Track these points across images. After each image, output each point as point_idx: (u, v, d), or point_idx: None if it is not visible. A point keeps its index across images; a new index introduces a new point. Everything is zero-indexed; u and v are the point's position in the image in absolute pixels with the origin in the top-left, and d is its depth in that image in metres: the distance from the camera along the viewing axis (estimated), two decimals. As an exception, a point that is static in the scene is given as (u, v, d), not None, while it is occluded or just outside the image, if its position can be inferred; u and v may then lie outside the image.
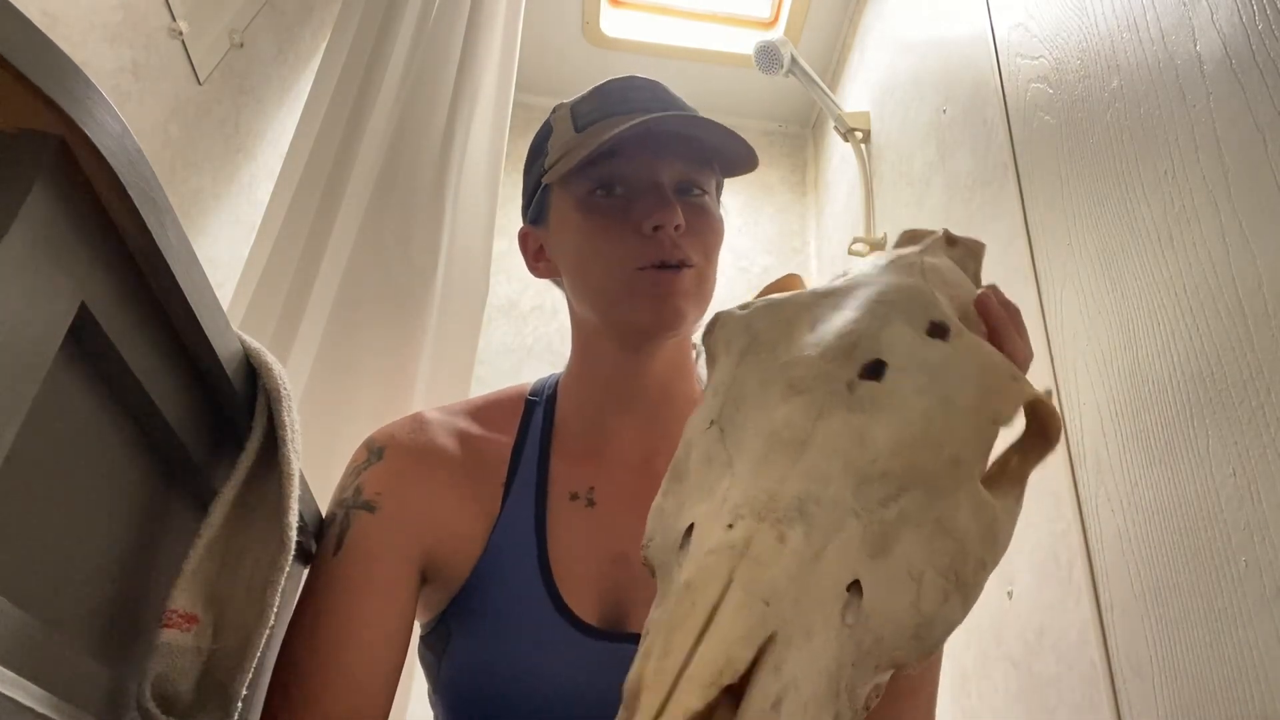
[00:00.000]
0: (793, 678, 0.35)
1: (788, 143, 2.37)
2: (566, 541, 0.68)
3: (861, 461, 0.41)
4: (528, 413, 0.76)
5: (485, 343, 1.82)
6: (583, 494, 0.72)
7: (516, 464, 0.72)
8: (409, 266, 1.26)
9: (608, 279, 0.68)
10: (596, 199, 0.70)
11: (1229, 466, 0.67)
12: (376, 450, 0.71)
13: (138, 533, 0.45)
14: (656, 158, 0.70)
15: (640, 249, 0.67)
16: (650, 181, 0.69)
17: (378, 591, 0.63)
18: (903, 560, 0.40)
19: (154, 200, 0.37)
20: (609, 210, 0.69)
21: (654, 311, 0.67)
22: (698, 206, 0.71)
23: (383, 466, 0.69)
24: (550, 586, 0.66)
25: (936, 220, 1.39)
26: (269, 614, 0.48)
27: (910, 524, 0.40)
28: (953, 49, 1.39)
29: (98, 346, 0.37)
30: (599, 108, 0.71)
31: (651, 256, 0.67)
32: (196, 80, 1.25)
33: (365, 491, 0.67)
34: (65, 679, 0.37)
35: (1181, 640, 0.71)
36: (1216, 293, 0.71)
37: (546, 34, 2.10)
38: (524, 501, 0.70)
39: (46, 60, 0.30)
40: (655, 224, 0.66)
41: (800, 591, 0.37)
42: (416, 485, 0.68)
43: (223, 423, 0.51)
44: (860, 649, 0.38)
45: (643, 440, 0.74)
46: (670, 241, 0.67)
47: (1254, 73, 0.68)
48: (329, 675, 0.60)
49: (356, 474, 0.69)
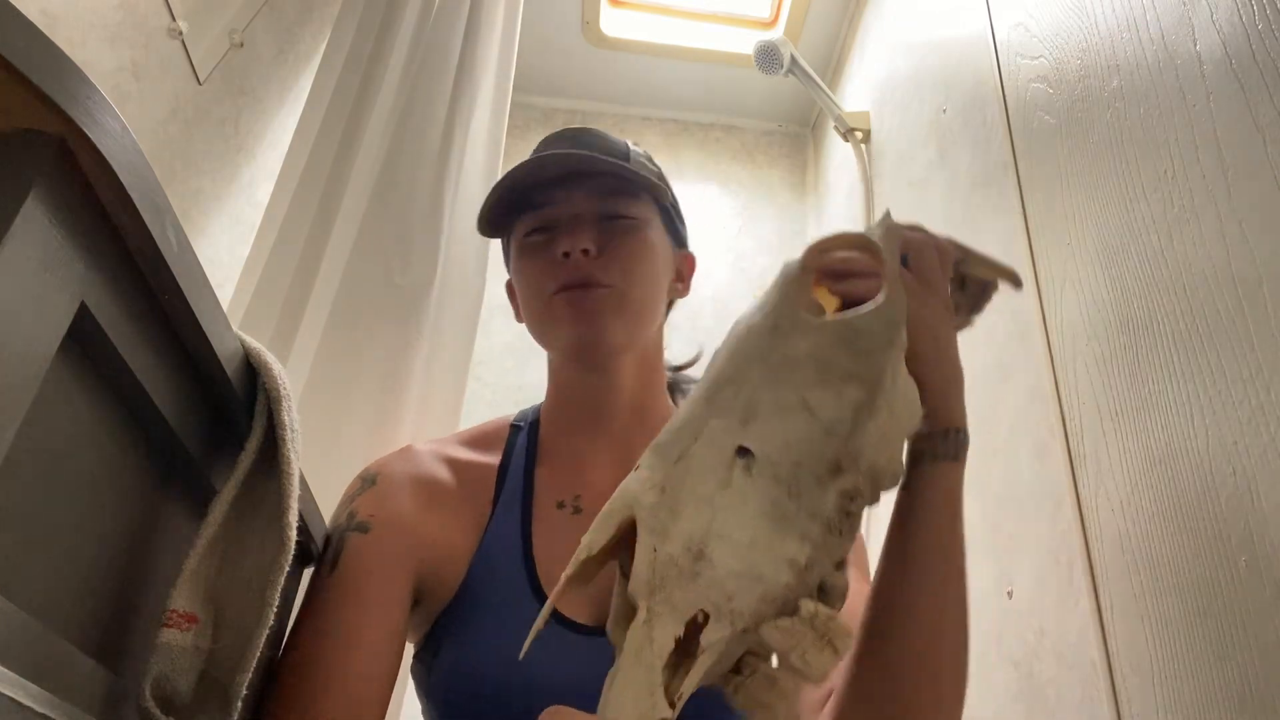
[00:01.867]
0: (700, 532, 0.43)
1: (788, 143, 2.37)
2: (554, 547, 0.71)
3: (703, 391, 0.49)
4: (512, 437, 0.80)
5: (486, 343, 1.82)
6: (569, 502, 0.75)
7: (503, 480, 0.76)
8: (408, 266, 1.26)
9: (535, 306, 0.76)
10: (530, 240, 0.77)
11: (1229, 466, 0.67)
12: (370, 478, 0.74)
13: (138, 532, 0.45)
14: (571, 194, 0.76)
15: (555, 274, 0.73)
16: (568, 215, 0.75)
17: (372, 605, 0.65)
18: (773, 407, 0.47)
19: (154, 200, 0.37)
20: (537, 248, 0.76)
21: (571, 328, 0.73)
22: (621, 230, 0.76)
23: (374, 491, 0.72)
24: (537, 589, 0.68)
25: (937, 220, 1.39)
26: (269, 614, 0.48)
27: (763, 386, 0.48)
28: (953, 49, 1.39)
29: (98, 346, 0.37)
30: (526, 163, 0.77)
31: (562, 279, 0.73)
32: (196, 80, 1.25)
33: (359, 515, 0.70)
34: (65, 679, 0.37)
35: (1181, 640, 0.71)
36: (1216, 293, 0.71)
37: (546, 34, 2.10)
38: (510, 511, 0.73)
39: (46, 60, 0.30)
40: (563, 249, 0.72)
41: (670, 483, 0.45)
42: (407, 507, 0.71)
43: (223, 423, 0.51)
44: (784, 481, 0.44)
45: (625, 453, 0.77)
46: (575, 264, 0.72)
47: (1254, 73, 0.68)
48: (329, 681, 0.61)
49: (350, 501, 0.72)
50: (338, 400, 1.14)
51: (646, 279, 0.76)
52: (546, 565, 0.69)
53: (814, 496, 0.44)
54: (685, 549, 0.42)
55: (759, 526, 0.43)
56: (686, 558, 0.42)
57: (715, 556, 0.42)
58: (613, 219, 0.76)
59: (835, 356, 0.47)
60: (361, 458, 1.11)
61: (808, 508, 0.43)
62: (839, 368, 0.47)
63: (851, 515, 0.45)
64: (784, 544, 0.42)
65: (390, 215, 1.28)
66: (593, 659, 0.63)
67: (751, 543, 0.42)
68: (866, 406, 0.46)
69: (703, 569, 0.41)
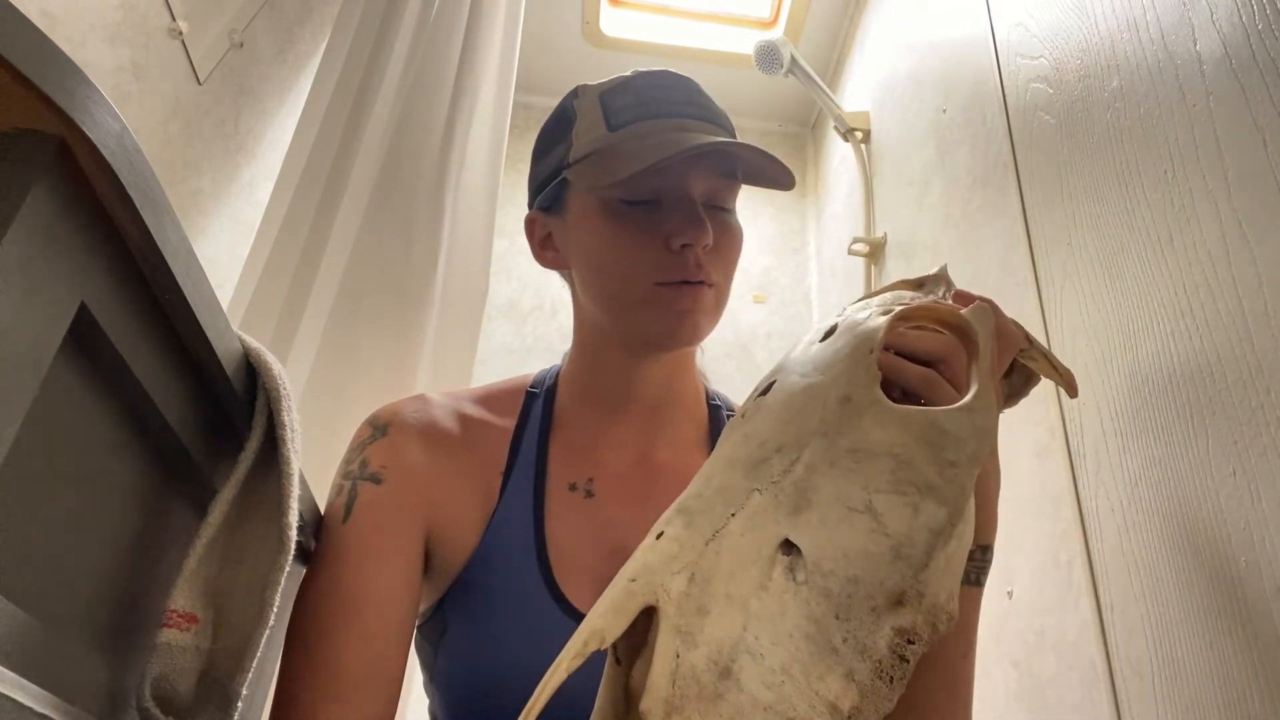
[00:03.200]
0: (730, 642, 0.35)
1: (787, 143, 2.37)
2: (565, 531, 0.69)
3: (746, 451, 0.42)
4: (528, 403, 0.76)
5: (485, 343, 1.82)
6: (581, 484, 0.72)
7: (516, 452, 0.72)
8: (409, 266, 1.26)
9: (626, 289, 0.68)
10: (624, 207, 0.68)
11: (1229, 466, 0.67)
12: (381, 426, 0.71)
13: (138, 533, 0.45)
14: (691, 171, 0.68)
15: (665, 264, 0.66)
16: (682, 196, 0.68)
17: (388, 557, 0.64)
18: (834, 501, 0.39)
19: (154, 200, 0.37)
20: (635, 220, 0.67)
21: (671, 327, 0.67)
22: (724, 224, 0.70)
23: (387, 442, 0.70)
24: (548, 576, 0.66)
25: (936, 220, 1.39)
26: (269, 614, 0.48)
27: (821, 469, 0.40)
28: (952, 49, 1.39)
29: (98, 346, 0.37)
30: (634, 106, 0.69)
31: (676, 273, 0.66)
32: (196, 80, 1.25)
33: (371, 464, 0.68)
34: (65, 679, 0.37)
35: (1181, 640, 0.71)
36: (1216, 293, 0.70)
37: (546, 34, 2.10)
38: (523, 489, 0.70)
39: (46, 60, 0.30)
40: (685, 241, 0.65)
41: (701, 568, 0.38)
42: (419, 461, 0.69)
43: (223, 423, 0.51)
44: (834, 599, 0.37)
45: (643, 434, 0.74)
46: (696, 260, 0.66)
47: (1254, 73, 0.68)
48: (349, 633, 0.60)
49: (361, 448, 0.70)
50: (338, 400, 1.14)
51: (734, 277, 0.72)
52: (559, 553, 0.67)
53: (866, 627, 0.36)
54: (711, 662, 0.35)
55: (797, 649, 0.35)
56: (711, 673, 0.35)
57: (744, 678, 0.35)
58: (719, 207, 0.70)
59: (918, 461, 0.40)
60: (361, 458, 1.11)
61: (857, 640, 0.36)
62: (920, 476, 0.39)
63: (906, 662, 0.36)
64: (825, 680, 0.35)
65: (390, 215, 1.28)
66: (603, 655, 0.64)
67: (785, 669, 0.35)
68: (944, 533, 0.38)
69: (728, 691, 0.35)
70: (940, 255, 1.36)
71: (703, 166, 0.68)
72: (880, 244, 1.64)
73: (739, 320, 2.09)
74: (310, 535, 0.65)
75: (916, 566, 0.37)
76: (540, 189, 0.75)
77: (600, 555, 0.68)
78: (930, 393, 0.48)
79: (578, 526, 0.69)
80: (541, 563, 0.67)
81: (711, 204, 0.70)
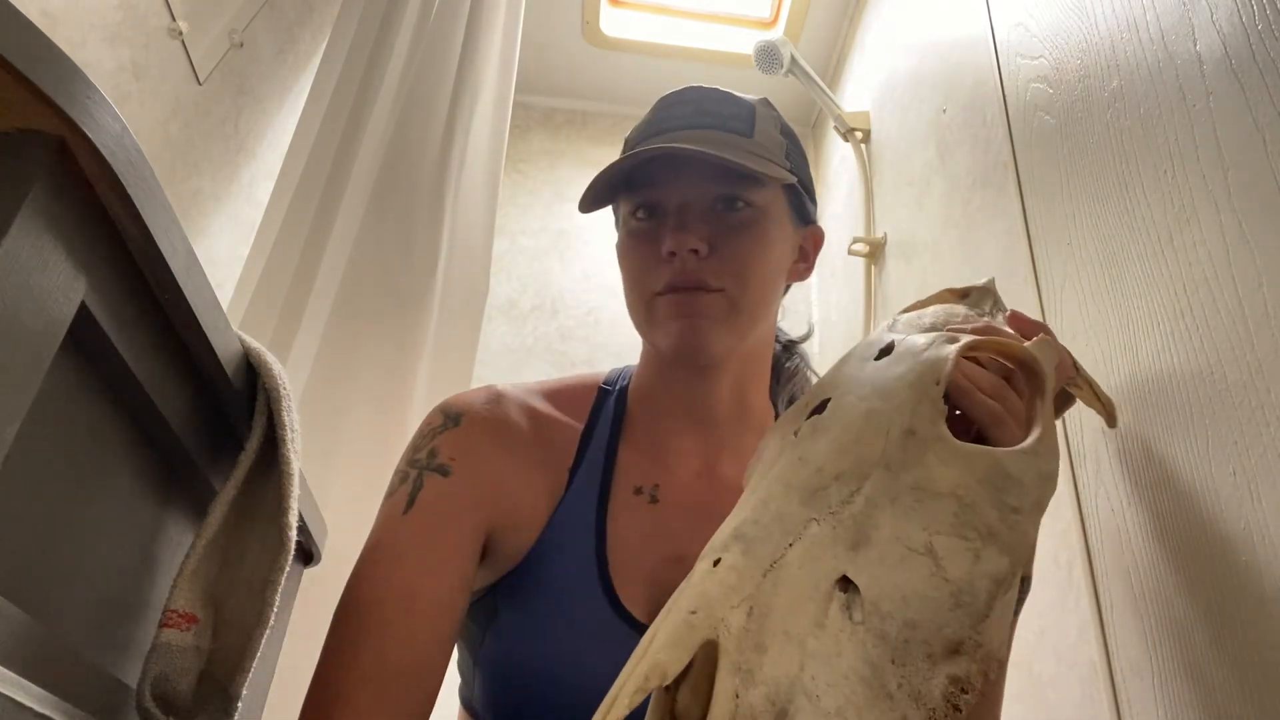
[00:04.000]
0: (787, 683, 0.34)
1: (788, 143, 2.37)
2: (626, 534, 0.68)
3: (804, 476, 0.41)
4: (600, 400, 0.76)
5: (485, 343, 1.82)
6: (647, 489, 0.71)
7: (585, 449, 0.72)
8: (409, 266, 1.26)
9: (636, 302, 0.71)
10: (636, 220, 0.71)
11: (1229, 466, 0.67)
12: (454, 416, 0.71)
13: (138, 532, 0.45)
14: (675, 179, 0.68)
15: (659, 273, 0.67)
16: (677, 204, 0.68)
17: (446, 553, 0.63)
18: (894, 539, 0.38)
19: (154, 200, 0.37)
20: (643, 233, 0.70)
21: (673, 336, 0.67)
22: (734, 225, 0.68)
23: (459, 433, 0.69)
24: (605, 577, 0.65)
25: (936, 220, 1.39)
26: (269, 614, 0.48)
27: (882, 504, 0.39)
28: (952, 49, 1.39)
29: (98, 346, 0.37)
30: (644, 128, 0.72)
31: (665, 282, 0.67)
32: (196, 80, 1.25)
33: (440, 455, 0.67)
34: (65, 679, 0.37)
35: (1181, 640, 0.71)
36: (1216, 293, 0.70)
37: (546, 34, 2.10)
38: (589, 487, 0.70)
39: (46, 60, 0.30)
40: (668, 249, 0.66)
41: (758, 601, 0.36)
42: (489, 456, 0.68)
43: (223, 423, 0.51)
44: (890, 643, 0.36)
45: (710, 447, 0.74)
46: (682, 267, 0.66)
47: (1254, 73, 0.68)
48: (398, 627, 0.59)
49: (432, 437, 0.69)
50: (338, 400, 1.14)
51: (761, 279, 0.69)
52: (618, 554, 0.67)
53: (921, 674, 0.35)
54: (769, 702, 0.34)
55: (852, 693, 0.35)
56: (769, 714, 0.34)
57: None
58: (730, 207, 0.68)
59: (981, 504, 0.39)
60: (362, 458, 1.11)
61: (912, 686, 0.35)
62: (982, 521, 0.38)
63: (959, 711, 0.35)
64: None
65: (390, 215, 1.28)
66: None
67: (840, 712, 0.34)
68: (1005, 583, 0.37)
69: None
70: (940, 255, 1.36)
71: (690, 173, 0.68)
72: (880, 244, 1.64)
73: (739, 320, 2.09)
74: (310, 535, 0.65)
75: (976, 617, 0.36)
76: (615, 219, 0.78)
77: (658, 561, 0.67)
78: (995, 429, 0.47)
79: (639, 530, 0.69)
80: (600, 560, 0.66)
81: (724, 205, 0.69)
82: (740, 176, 0.68)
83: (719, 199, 0.69)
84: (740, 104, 0.73)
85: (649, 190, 0.69)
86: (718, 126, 0.70)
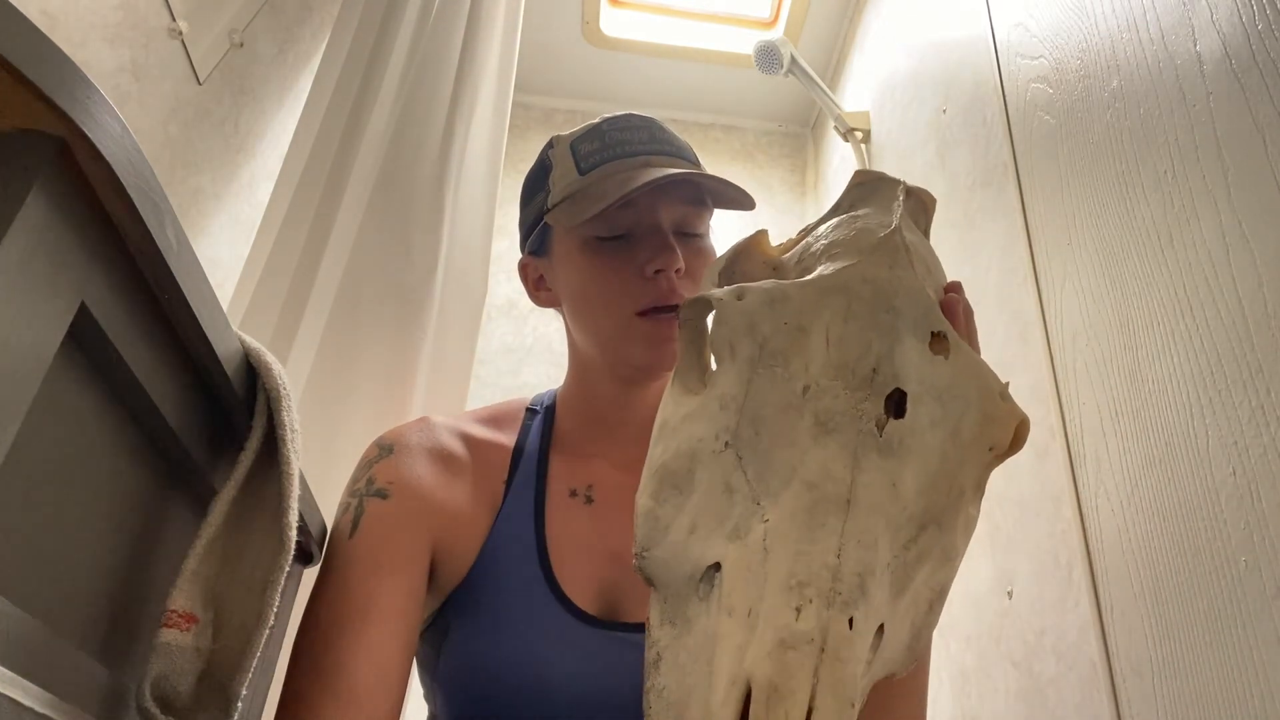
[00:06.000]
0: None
1: (788, 143, 2.37)
2: (565, 535, 0.71)
3: (895, 511, 0.42)
4: (528, 419, 0.80)
5: (485, 343, 1.82)
6: (581, 491, 0.75)
7: (517, 462, 0.75)
8: (409, 266, 1.26)
9: (607, 320, 0.72)
10: (599, 243, 0.72)
11: (1229, 466, 0.67)
12: (386, 447, 0.74)
13: (138, 533, 0.45)
14: (658, 202, 0.72)
15: (640, 292, 0.70)
16: (652, 225, 0.72)
17: (394, 571, 0.66)
18: (913, 593, 0.42)
19: (154, 200, 0.37)
20: (611, 253, 0.72)
21: (652, 354, 0.70)
22: (696, 249, 0.73)
23: (393, 460, 0.72)
24: (550, 577, 0.68)
25: (937, 220, 1.39)
26: (269, 614, 0.48)
27: (926, 560, 0.42)
28: (953, 49, 1.39)
29: (98, 346, 0.37)
30: (600, 149, 0.74)
31: (651, 300, 0.69)
32: (196, 80, 1.25)
33: (378, 481, 0.71)
34: (65, 679, 0.37)
35: (1181, 640, 0.71)
36: (1216, 293, 0.70)
37: (546, 34, 2.10)
38: (524, 496, 0.73)
39: (46, 60, 0.30)
40: (657, 268, 0.69)
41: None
42: (424, 476, 0.72)
43: (223, 423, 0.51)
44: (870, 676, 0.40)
45: (641, 443, 0.74)
46: (669, 285, 0.69)
47: (1254, 73, 0.68)
48: (356, 642, 0.61)
49: (368, 467, 0.73)
50: (338, 400, 1.14)
51: None
52: (560, 554, 0.70)
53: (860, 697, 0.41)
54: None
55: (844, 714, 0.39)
56: None
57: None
58: (689, 233, 0.74)
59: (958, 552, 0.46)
60: (361, 458, 1.11)
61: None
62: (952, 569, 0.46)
63: None
64: None
65: (390, 215, 1.28)
66: (601, 649, 0.65)
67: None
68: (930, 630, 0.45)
69: None
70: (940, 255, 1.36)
71: (670, 197, 0.72)
72: (880, 244, 1.64)
73: (739, 320, 2.09)
74: (310, 536, 0.65)
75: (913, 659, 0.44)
76: (528, 234, 0.81)
77: (600, 559, 0.70)
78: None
79: (578, 530, 0.72)
80: (543, 564, 0.69)
81: (682, 230, 0.73)
82: (697, 206, 0.74)
83: (678, 228, 0.73)
84: (678, 138, 0.78)
85: (628, 211, 0.72)
86: (677, 155, 0.75)
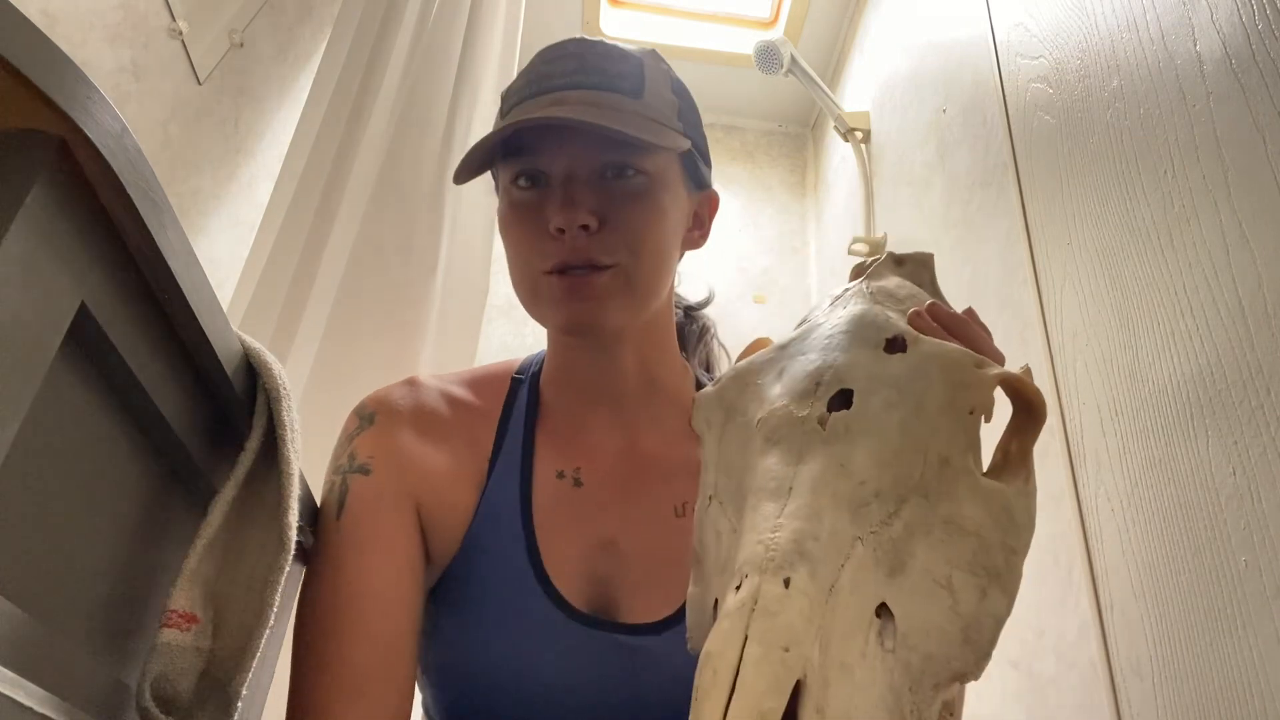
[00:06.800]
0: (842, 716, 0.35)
1: (788, 143, 2.37)
2: (554, 521, 0.67)
3: (849, 487, 0.41)
4: (513, 389, 0.75)
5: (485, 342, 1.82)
6: (569, 473, 0.70)
7: (502, 439, 0.71)
8: (409, 266, 1.26)
9: (522, 279, 0.66)
10: (518, 189, 0.65)
11: (1229, 466, 0.67)
12: (367, 416, 0.71)
13: (138, 533, 0.45)
14: (560, 147, 0.63)
15: (547, 250, 0.62)
16: (563, 174, 0.63)
17: (386, 547, 0.63)
18: (924, 570, 0.40)
19: (154, 200, 0.37)
20: (526, 204, 0.65)
21: (565, 315, 0.63)
22: (626, 194, 0.64)
23: (374, 431, 0.69)
24: (538, 568, 0.65)
25: (936, 220, 1.39)
26: (269, 614, 0.48)
27: (919, 533, 0.40)
28: (953, 49, 1.39)
29: (98, 346, 0.37)
30: (520, 89, 0.66)
31: (557, 260, 0.62)
32: (196, 80, 1.25)
33: (359, 456, 0.68)
34: (65, 679, 0.37)
35: (1181, 640, 0.71)
36: (1216, 293, 0.71)
37: (546, 34, 2.10)
38: (509, 477, 0.69)
39: (46, 60, 0.30)
40: (556, 224, 0.61)
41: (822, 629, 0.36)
42: (409, 446, 0.68)
43: (223, 423, 0.51)
44: (912, 671, 0.37)
45: (625, 422, 0.73)
46: (573, 244, 0.61)
47: (1254, 73, 0.68)
48: (355, 630, 0.60)
49: (349, 441, 0.69)
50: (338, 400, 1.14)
51: (655, 251, 0.65)
52: (548, 543, 0.66)
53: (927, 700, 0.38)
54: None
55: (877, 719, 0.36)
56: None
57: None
58: (619, 175, 0.64)
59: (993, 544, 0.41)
60: (361, 458, 1.11)
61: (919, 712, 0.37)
62: (992, 561, 0.40)
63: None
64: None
65: (391, 215, 1.28)
66: (590, 648, 0.63)
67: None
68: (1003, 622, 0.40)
69: None
70: (940, 255, 1.36)
71: (583, 139, 0.63)
72: (880, 244, 1.64)
73: (739, 320, 2.09)
74: (310, 535, 0.65)
75: (980, 654, 0.39)
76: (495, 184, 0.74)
77: (589, 548, 0.67)
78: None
79: (567, 516, 0.68)
80: (531, 552, 0.65)
81: (613, 172, 0.64)
82: (624, 143, 0.63)
83: (608, 166, 0.64)
84: (628, 59, 0.66)
85: (531, 157, 0.64)
86: (604, 86, 0.64)
